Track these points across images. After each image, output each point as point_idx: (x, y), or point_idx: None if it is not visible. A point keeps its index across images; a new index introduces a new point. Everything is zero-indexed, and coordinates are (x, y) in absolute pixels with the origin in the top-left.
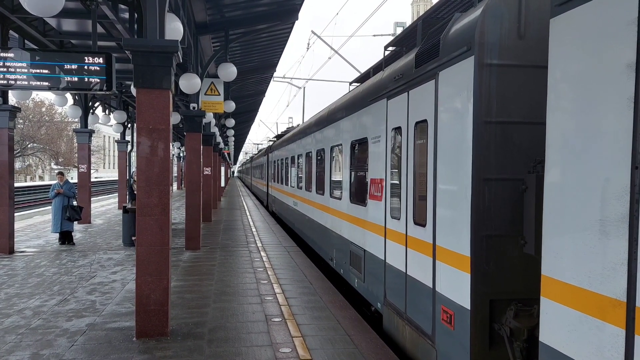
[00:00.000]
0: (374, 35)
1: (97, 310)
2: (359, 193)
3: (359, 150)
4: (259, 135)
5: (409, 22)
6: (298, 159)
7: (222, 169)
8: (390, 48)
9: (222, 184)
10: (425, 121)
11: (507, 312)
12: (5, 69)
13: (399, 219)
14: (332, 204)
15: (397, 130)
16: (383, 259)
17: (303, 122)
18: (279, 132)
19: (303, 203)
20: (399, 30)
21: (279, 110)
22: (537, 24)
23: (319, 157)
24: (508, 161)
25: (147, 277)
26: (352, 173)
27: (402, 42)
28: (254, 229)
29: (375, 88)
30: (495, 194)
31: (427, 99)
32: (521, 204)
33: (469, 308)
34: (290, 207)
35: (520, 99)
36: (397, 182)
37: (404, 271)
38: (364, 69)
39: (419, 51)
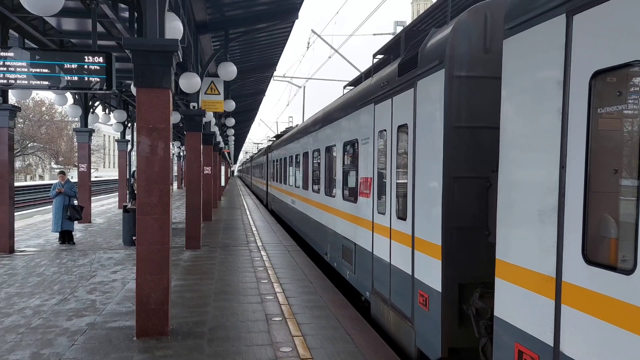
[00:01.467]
0: (374, 35)
1: (97, 310)
2: (351, 191)
3: (351, 150)
4: (259, 134)
5: (409, 22)
6: (295, 158)
7: (222, 168)
8: (379, 56)
9: (222, 184)
10: (406, 125)
11: (474, 294)
12: (5, 69)
13: (384, 214)
14: (327, 201)
15: (383, 132)
16: (371, 251)
17: (303, 121)
18: (279, 132)
19: (300, 201)
20: (399, 29)
21: (279, 110)
22: (501, 39)
23: (314, 157)
24: (475, 161)
25: (147, 276)
26: (345, 172)
27: (388, 51)
28: (254, 228)
29: (364, 93)
30: (463, 191)
31: (408, 105)
32: (486, 199)
33: (440, 291)
34: (288, 206)
35: (486, 106)
36: (383, 180)
37: (389, 261)
38: (363, 68)
39: (401, 61)
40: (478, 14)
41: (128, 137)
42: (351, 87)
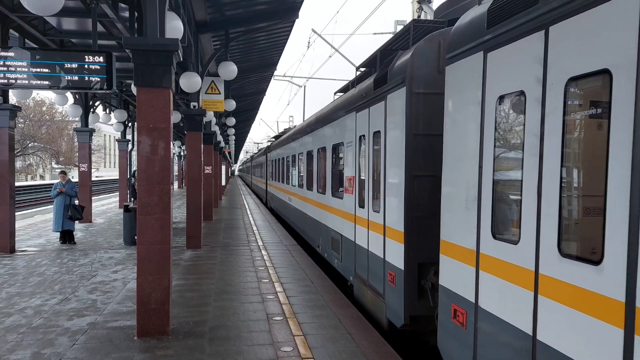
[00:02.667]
0: (375, 34)
1: (98, 309)
2: (338, 188)
3: (338, 152)
4: (260, 134)
5: (409, 21)
6: (292, 159)
7: (223, 167)
8: (361, 69)
9: (223, 183)
10: (379, 131)
11: (430, 271)
12: (5, 68)
13: (364, 208)
14: (319, 198)
15: (362, 137)
16: (354, 240)
17: (299, 123)
18: (279, 132)
19: (296, 199)
20: (399, 28)
21: (280, 109)
22: None
23: (308, 158)
24: (430, 163)
25: (148, 276)
26: (333, 172)
27: (369, 65)
28: (254, 228)
29: (348, 102)
30: (421, 187)
31: (380, 115)
32: (439, 194)
33: (403, 269)
34: (286, 203)
35: (439, 118)
36: (362, 178)
37: (367, 248)
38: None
39: (375, 77)
40: (433, 41)
41: (128, 136)
42: (341, 94)
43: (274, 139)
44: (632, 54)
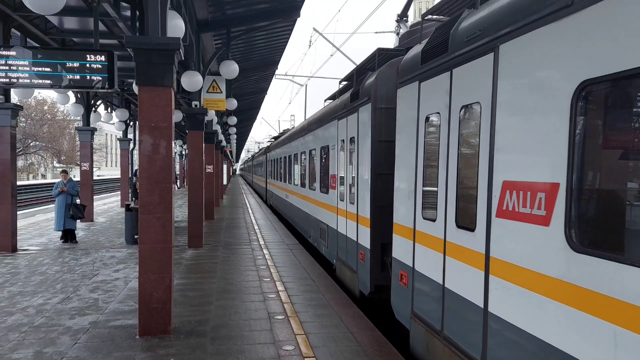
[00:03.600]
0: (376, 33)
1: (99, 308)
2: (325, 184)
3: (325, 153)
4: (261, 133)
5: (411, 20)
6: (287, 159)
7: (224, 166)
8: (344, 82)
9: (224, 182)
10: (354, 137)
11: (390, 249)
12: (7, 67)
13: (343, 201)
14: (310, 194)
15: (343, 141)
16: (336, 228)
17: (298, 124)
18: (278, 133)
19: (292, 195)
20: (401, 28)
21: (281, 108)
22: None
23: (302, 158)
24: (390, 163)
25: (149, 275)
26: (322, 170)
27: (349, 79)
28: (256, 227)
29: (332, 111)
30: (383, 182)
31: (354, 124)
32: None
33: (369, 248)
34: (283, 200)
35: (395, 128)
36: (342, 176)
37: (345, 234)
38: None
39: (352, 92)
40: (392, 66)
41: (130, 135)
42: (330, 101)
43: (273, 139)
44: (489, 92)
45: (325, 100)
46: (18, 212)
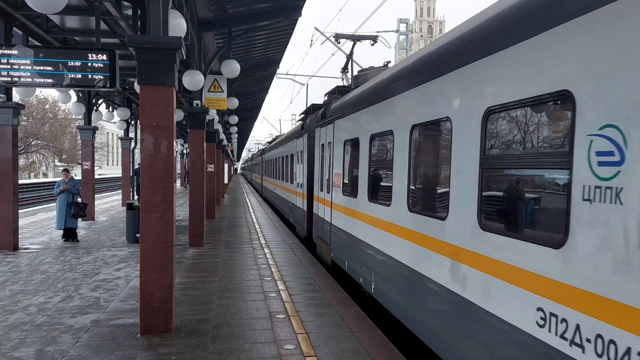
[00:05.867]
0: (378, 32)
1: (101, 307)
2: (291, 178)
3: (291, 159)
4: (263, 132)
5: (412, 19)
6: (274, 161)
7: (225, 165)
8: (301, 115)
9: (226, 181)
10: (302, 150)
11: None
12: (9, 66)
13: (298, 187)
14: (285, 185)
15: (301, 152)
16: (295, 204)
17: (283, 134)
18: (272, 139)
19: (277, 187)
20: (403, 27)
21: (282, 107)
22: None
23: (281, 162)
24: (312, 165)
25: (151, 274)
26: (290, 169)
27: (308, 112)
28: (257, 226)
29: (294, 132)
30: (310, 175)
31: (302, 143)
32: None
33: (306, 211)
34: (272, 191)
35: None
36: (296, 172)
37: (299, 206)
38: (366, 65)
39: (301, 125)
40: (316, 114)
41: (131, 134)
42: (303, 115)
43: (268, 143)
44: (332, 138)
45: (300, 115)
46: (20, 211)
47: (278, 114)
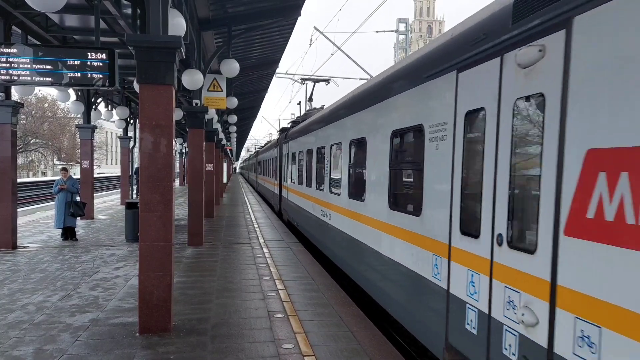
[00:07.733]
0: (377, 32)
1: (100, 306)
2: (275, 175)
3: (274, 161)
4: (262, 131)
5: (411, 19)
6: (264, 162)
7: (225, 165)
8: (277, 132)
9: (225, 180)
10: (277, 156)
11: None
12: (8, 65)
13: (277, 180)
14: (270, 180)
15: (277, 157)
16: (275, 192)
17: (269, 142)
18: (264, 143)
19: (266, 183)
20: (402, 27)
21: (282, 107)
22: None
23: (269, 162)
24: (282, 166)
25: (150, 273)
26: (273, 168)
27: (282, 131)
28: (256, 225)
29: (276, 142)
30: (283, 172)
31: (277, 152)
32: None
33: (279, 196)
34: (262, 185)
35: (292, 154)
36: (275, 170)
37: (277, 193)
38: (366, 66)
39: (278, 138)
40: (285, 133)
41: (130, 133)
42: (292, 123)
43: (261, 147)
44: (280, 154)
45: (288, 123)
46: (18, 210)
47: (277, 113)
